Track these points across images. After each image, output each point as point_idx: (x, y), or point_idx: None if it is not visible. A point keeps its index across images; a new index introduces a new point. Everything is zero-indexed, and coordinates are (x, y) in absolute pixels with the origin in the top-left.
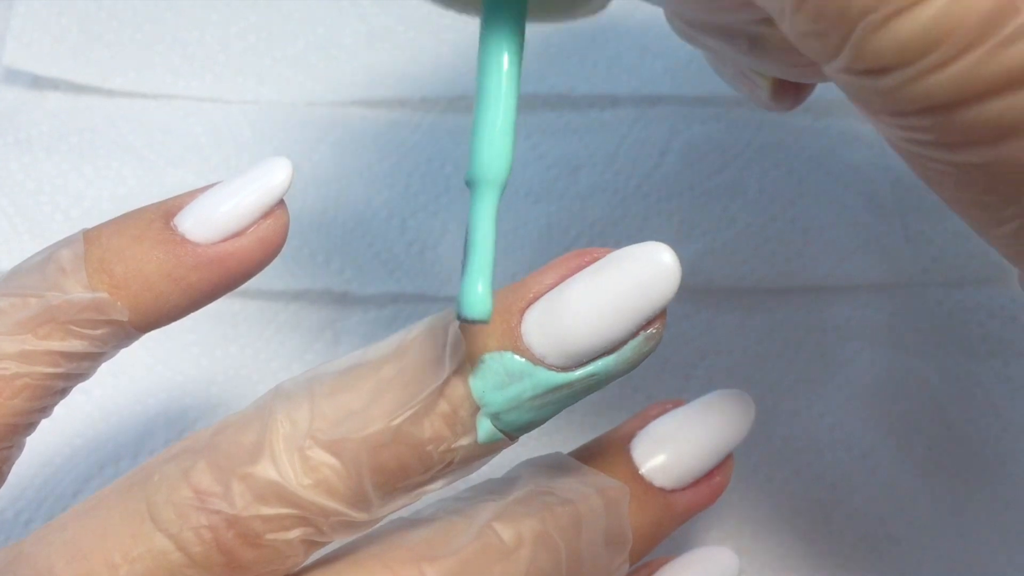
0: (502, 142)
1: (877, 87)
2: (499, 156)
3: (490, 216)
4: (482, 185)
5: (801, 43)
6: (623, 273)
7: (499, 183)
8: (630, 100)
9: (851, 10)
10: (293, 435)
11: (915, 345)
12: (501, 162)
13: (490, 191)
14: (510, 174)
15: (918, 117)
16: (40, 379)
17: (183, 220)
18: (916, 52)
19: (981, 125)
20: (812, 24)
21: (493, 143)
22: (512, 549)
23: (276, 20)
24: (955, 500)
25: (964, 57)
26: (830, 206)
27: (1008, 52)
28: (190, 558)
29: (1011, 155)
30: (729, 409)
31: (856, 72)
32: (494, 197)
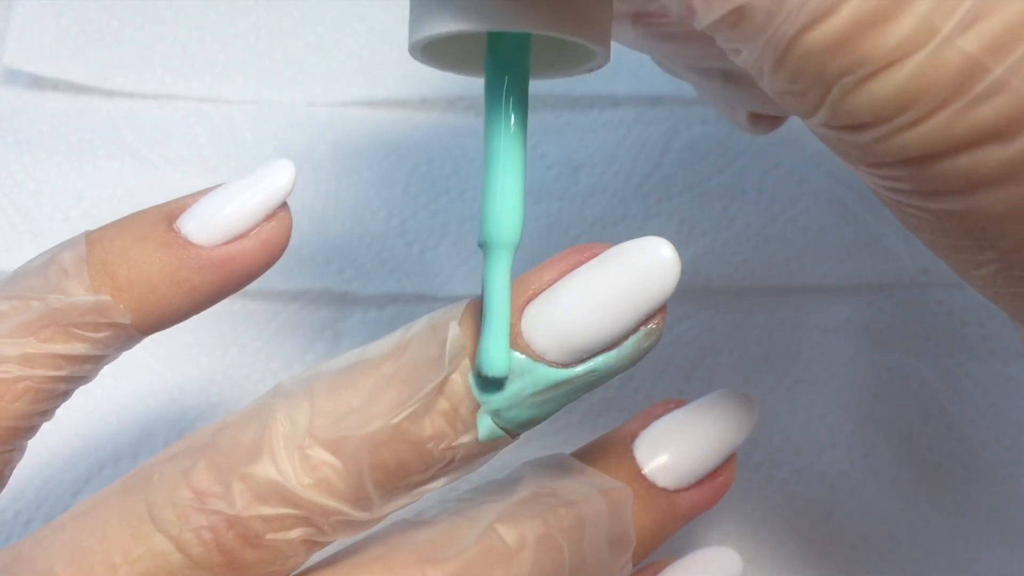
0: (512, 206)
1: (855, 142)
2: (510, 220)
3: (504, 277)
4: (495, 249)
5: (780, 100)
6: (622, 268)
7: (511, 245)
8: (630, 100)
9: (828, 72)
10: (293, 434)
11: (915, 345)
12: (512, 225)
13: (503, 254)
14: (522, 235)
15: (894, 169)
16: (42, 382)
17: (186, 222)
18: (891, 111)
19: (955, 176)
20: (790, 84)
21: (503, 207)
22: (515, 551)
23: (276, 20)
24: (955, 500)
25: (937, 115)
26: (830, 206)
27: (978, 110)
28: (190, 559)
29: (983, 205)
30: (732, 409)
31: (834, 127)
32: (507, 259)
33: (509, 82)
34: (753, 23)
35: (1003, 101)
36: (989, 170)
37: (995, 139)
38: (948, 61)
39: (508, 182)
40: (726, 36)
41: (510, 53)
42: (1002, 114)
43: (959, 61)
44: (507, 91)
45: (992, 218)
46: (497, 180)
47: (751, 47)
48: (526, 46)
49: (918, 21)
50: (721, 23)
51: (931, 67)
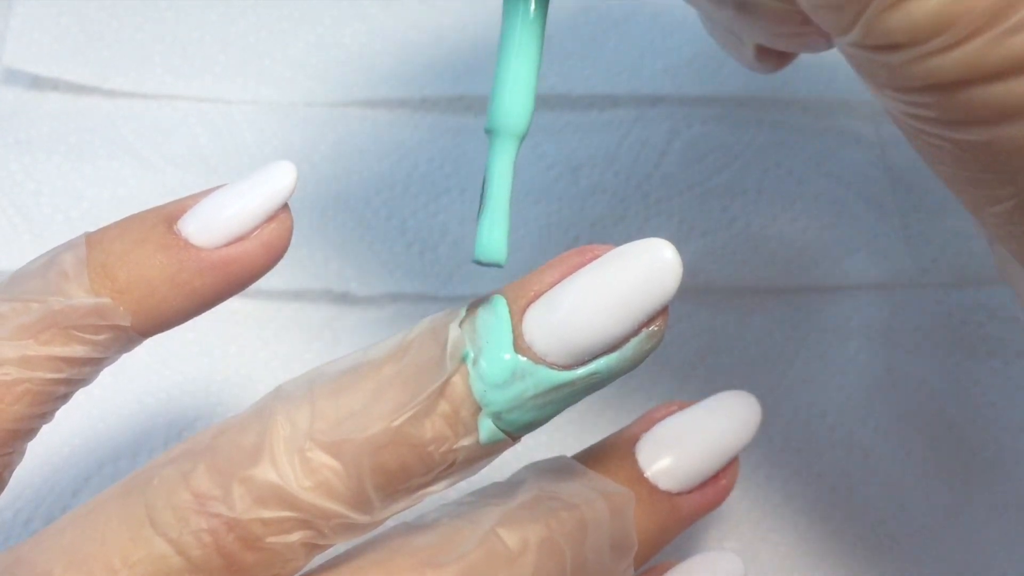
0: (523, 93)
1: (885, 63)
2: (518, 107)
3: (507, 166)
4: (501, 135)
5: (815, 14)
6: (624, 270)
7: (518, 134)
8: (630, 100)
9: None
10: (293, 437)
11: (915, 345)
12: (520, 113)
13: (508, 142)
14: (530, 125)
15: (922, 94)
16: (41, 384)
17: (186, 224)
18: (926, 33)
19: (983, 106)
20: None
21: (513, 93)
22: (517, 555)
23: (276, 20)
24: (955, 500)
25: (971, 41)
26: (830, 206)
27: (1013, 39)
28: (190, 562)
29: (1010, 136)
30: (735, 411)
31: (866, 47)
32: (512, 148)
33: None
34: None
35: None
36: (1018, 101)
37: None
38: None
39: (521, 68)
40: None
41: None
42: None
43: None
44: None
45: (1016, 151)
46: (510, 65)
47: None
48: None
49: None
50: None
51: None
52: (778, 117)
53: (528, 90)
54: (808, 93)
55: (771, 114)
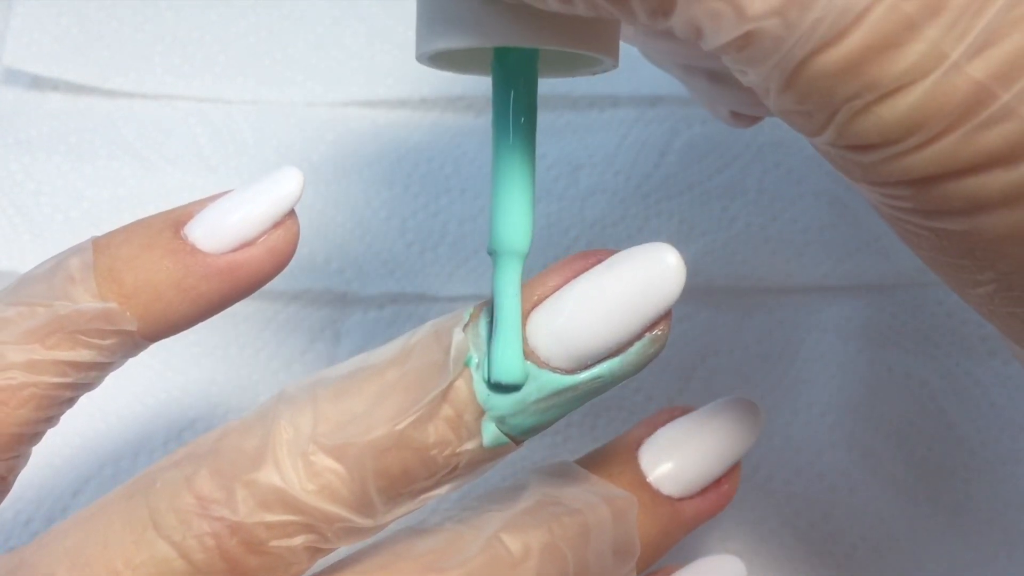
0: (520, 214)
1: (860, 161)
2: (518, 228)
3: (514, 284)
4: (504, 256)
5: (786, 119)
6: (628, 274)
7: (521, 254)
8: (630, 100)
9: (836, 95)
10: (296, 440)
11: (915, 345)
12: (521, 234)
13: (512, 261)
14: (532, 243)
15: (898, 188)
16: (47, 389)
17: (193, 229)
18: (898, 134)
19: (957, 198)
20: (797, 105)
21: (512, 216)
22: (520, 560)
23: (276, 20)
24: (955, 500)
25: (943, 139)
26: (830, 206)
27: (984, 135)
28: (193, 565)
29: (985, 226)
30: (737, 416)
31: (840, 147)
32: (517, 266)
33: (516, 94)
34: (761, 47)
35: (1010, 127)
36: (992, 193)
37: (1000, 163)
38: (956, 87)
39: (516, 191)
40: (733, 58)
41: (517, 65)
42: (1008, 140)
43: (967, 87)
44: (514, 102)
45: (993, 240)
46: (505, 189)
47: (758, 69)
48: (533, 58)
49: (927, 47)
50: (729, 46)
51: (939, 92)
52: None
53: (526, 211)
54: None
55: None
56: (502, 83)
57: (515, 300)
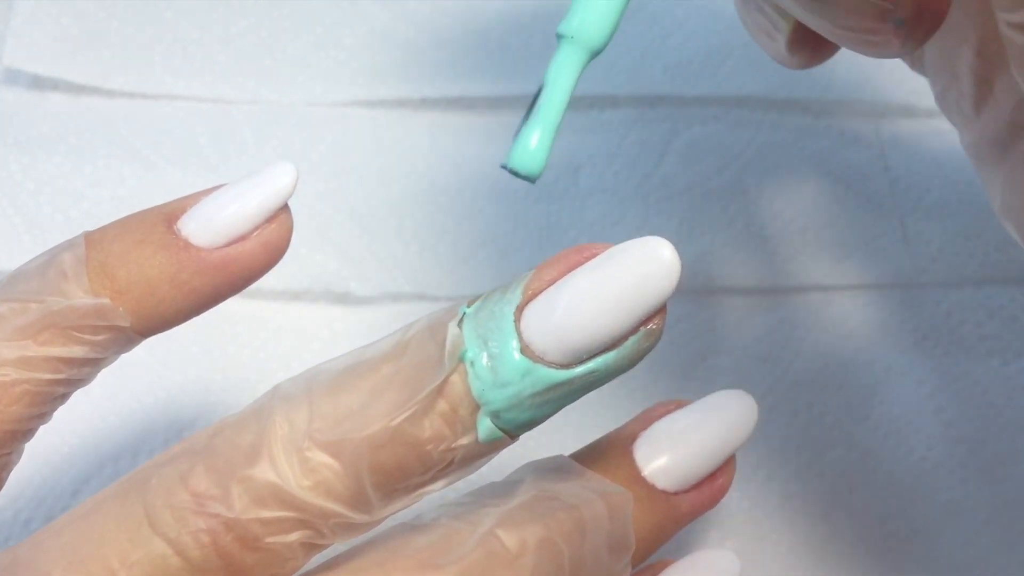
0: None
1: None
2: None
3: (571, 77)
4: (574, 43)
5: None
6: (622, 268)
7: (593, 48)
8: (630, 100)
9: None
10: (292, 436)
11: (914, 345)
12: (604, 26)
13: (580, 53)
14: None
15: None
16: (40, 385)
17: (186, 224)
18: None
19: None
20: None
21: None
22: (516, 556)
23: (276, 20)
24: (955, 500)
25: None
26: (830, 206)
27: None
28: (188, 562)
29: None
30: (732, 410)
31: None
32: (581, 60)
33: None
34: None
35: None
36: None
37: None
38: None
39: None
40: None
41: None
42: None
43: None
44: None
45: None
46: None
47: None
48: None
49: None
50: None
51: None
52: (778, 117)
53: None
54: (808, 93)
55: (771, 114)
56: None
57: (565, 92)
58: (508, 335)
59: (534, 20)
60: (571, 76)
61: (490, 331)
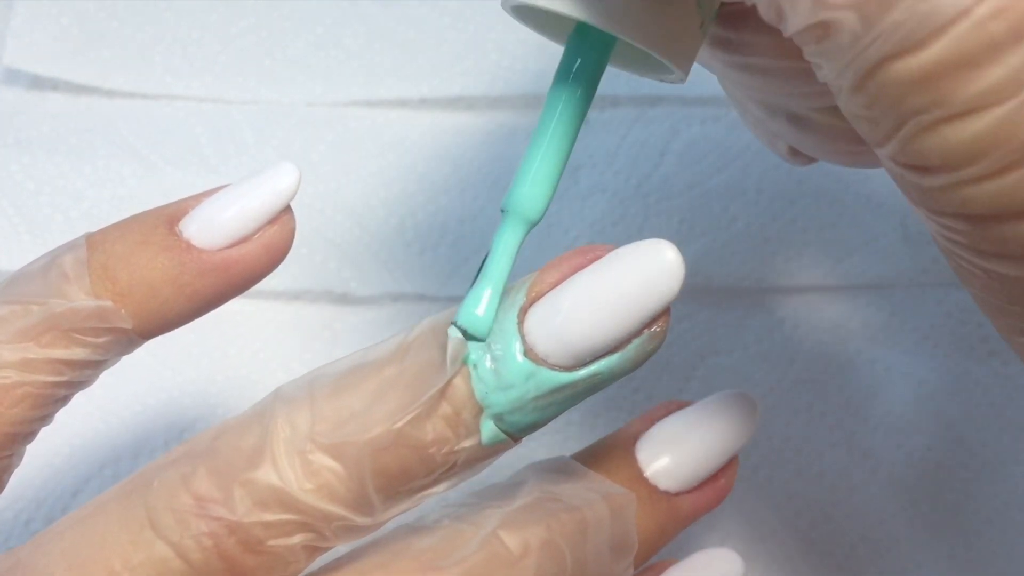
0: (545, 183)
1: (919, 184)
2: (538, 196)
3: (512, 247)
4: (513, 217)
5: (853, 122)
6: (626, 271)
7: (529, 221)
8: (630, 100)
9: (905, 106)
10: (294, 439)
11: (915, 345)
12: (538, 201)
13: (519, 225)
14: (543, 216)
15: (955, 220)
16: (41, 388)
17: (188, 225)
18: (961, 160)
19: (1015, 242)
20: (865, 110)
21: (536, 181)
22: (518, 558)
23: (276, 20)
24: (955, 500)
25: (1008, 175)
26: (830, 206)
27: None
28: (190, 565)
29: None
30: (734, 411)
31: (900, 164)
32: (522, 231)
33: (580, 66)
34: (838, 41)
35: None
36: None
37: None
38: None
39: (548, 158)
40: (811, 50)
41: (594, 42)
42: None
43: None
44: (576, 73)
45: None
46: (538, 153)
47: (833, 64)
48: (610, 43)
49: (1007, 73)
50: (807, 34)
51: (1011, 123)
52: None
53: (551, 181)
54: None
55: None
56: (573, 52)
57: (508, 261)
58: (511, 337)
59: None
60: (513, 246)
61: (493, 333)
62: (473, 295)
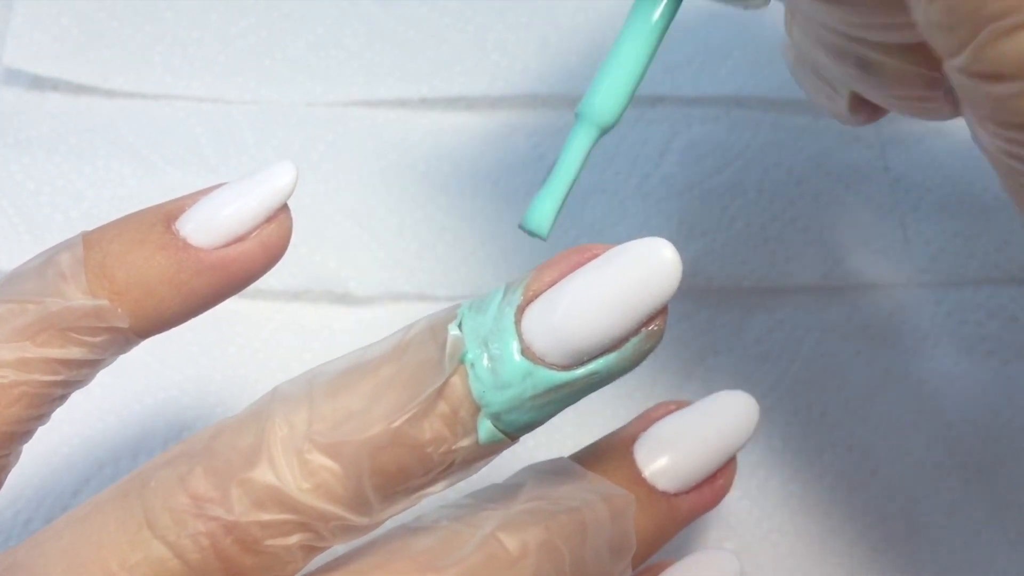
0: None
1: (990, 93)
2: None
3: (582, 151)
4: (587, 121)
5: (928, 33)
6: (623, 269)
7: (604, 125)
8: None
9: (983, 11)
10: (291, 438)
11: (915, 345)
12: (614, 106)
13: (592, 130)
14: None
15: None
16: (38, 387)
17: (185, 224)
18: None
19: None
20: (943, 16)
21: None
22: (517, 559)
23: (276, 20)
24: (955, 500)
25: None
26: (830, 206)
27: None
28: (188, 565)
29: None
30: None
31: (973, 74)
32: (593, 136)
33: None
34: None
35: None
36: None
37: None
38: None
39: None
40: None
41: None
42: None
43: None
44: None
45: None
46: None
47: None
48: None
49: None
50: None
51: None
52: (778, 117)
53: (629, 88)
54: None
55: (771, 114)
56: None
57: (576, 165)
58: (509, 336)
59: (533, 20)
60: (583, 151)
61: (491, 332)
62: (542, 194)
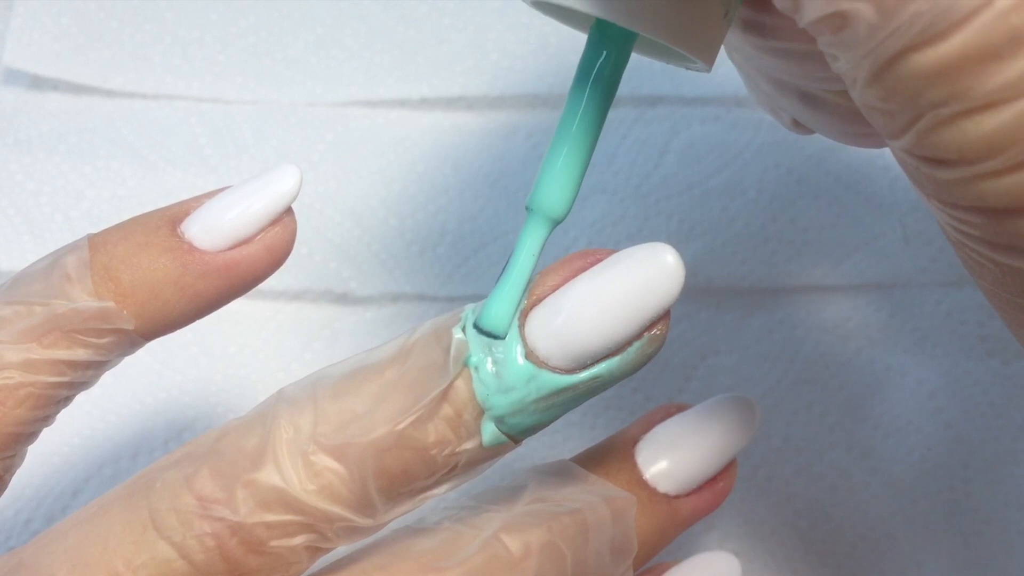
0: (569, 181)
1: (934, 176)
2: (561, 194)
3: (536, 245)
4: (537, 216)
5: (868, 115)
6: (626, 274)
7: (555, 219)
8: (630, 100)
9: (923, 99)
10: (296, 440)
11: (914, 345)
12: (562, 200)
13: (543, 224)
14: (567, 214)
15: (969, 214)
16: (44, 388)
17: (190, 226)
18: (978, 154)
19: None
20: (881, 102)
21: (560, 180)
22: (519, 560)
23: (276, 20)
24: (955, 500)
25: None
26: (830, 206)
27: None
28: (193, 566)
29: None
30: (734, 413)
31: (916, 156)
32: (545, 230)
33: (603, 62)
34: (854, 32)
35: None
36: None
37: None
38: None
39: (572, 157)
40: (826, 40)
41: (614, 38)
42: None
43: None
44: (598, 69)
45: None
46: (561, 151)
47: (849, 55)
48: (631, 38)
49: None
50: (822, 24)
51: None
52: None
53: (574, 179)
54: None
55: None
56: (594, 48)
57: (531, 259)
58: (513, 340)
59: (533, 20)
60: (537, 245)
61: None
62: (497, 293)
